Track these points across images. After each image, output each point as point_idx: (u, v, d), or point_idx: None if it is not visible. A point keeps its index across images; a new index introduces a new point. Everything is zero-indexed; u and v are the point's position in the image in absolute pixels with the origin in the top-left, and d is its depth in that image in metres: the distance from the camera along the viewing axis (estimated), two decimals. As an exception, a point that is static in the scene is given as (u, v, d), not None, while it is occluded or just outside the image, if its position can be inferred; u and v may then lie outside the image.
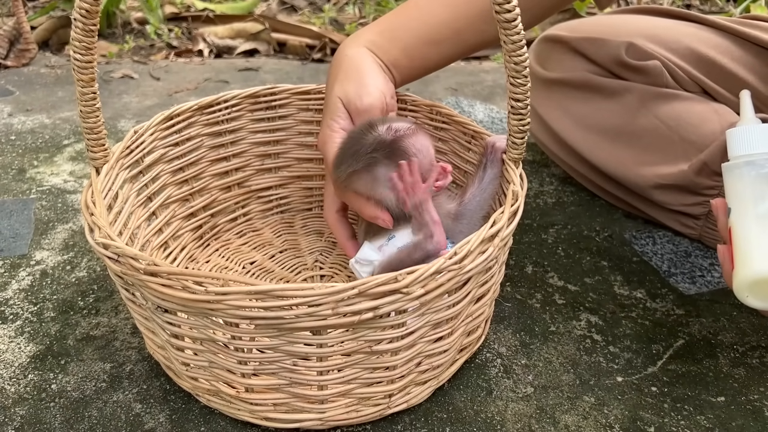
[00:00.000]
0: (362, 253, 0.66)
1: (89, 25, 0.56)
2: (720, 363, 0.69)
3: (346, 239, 0.73)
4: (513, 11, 0.54)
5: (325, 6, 1.91)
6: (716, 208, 0.62)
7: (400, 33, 0.75)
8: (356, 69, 0.72)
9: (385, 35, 0.75)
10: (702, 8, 1.93)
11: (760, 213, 0.57)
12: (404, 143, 0.62)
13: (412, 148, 0.62)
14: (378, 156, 0.62)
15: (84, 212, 0.59)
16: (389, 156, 0.62)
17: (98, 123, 0.62)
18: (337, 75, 0.73)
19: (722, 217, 0.61)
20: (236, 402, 0.59)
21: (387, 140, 0.62)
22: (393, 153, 0.62)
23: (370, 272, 0.65)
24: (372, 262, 0.65)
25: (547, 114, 0.99)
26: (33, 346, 0.70)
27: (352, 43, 0.75)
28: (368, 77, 0.71)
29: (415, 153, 0.62)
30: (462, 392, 0.65)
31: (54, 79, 1.44)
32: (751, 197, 0.58)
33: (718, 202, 0.62)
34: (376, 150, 0.62)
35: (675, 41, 0.88)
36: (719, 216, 0.61)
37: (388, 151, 0.62)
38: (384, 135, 0.63)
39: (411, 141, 0.62)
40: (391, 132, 0.63)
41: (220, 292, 0.49)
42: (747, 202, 0.59)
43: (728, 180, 0.61)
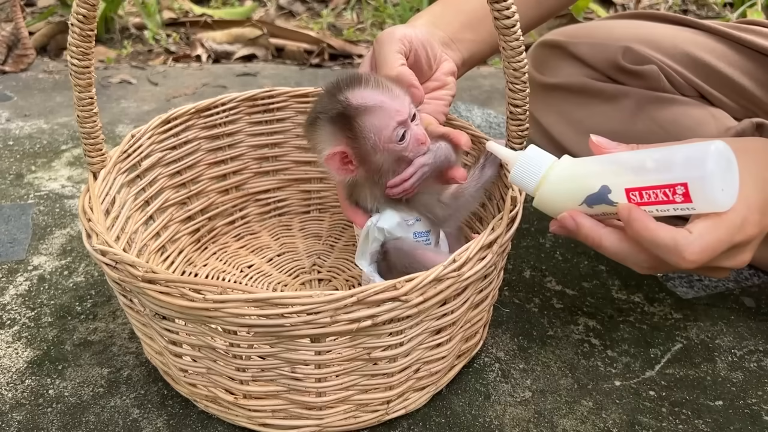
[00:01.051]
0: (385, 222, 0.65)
1: (86, 31, 0.56)
2: (718, 367, 0.69)
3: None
4: (512, 17, 0.54)
5: (323, 11, 1.92)
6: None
7: (461, 6, 0.74)
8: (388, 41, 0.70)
9: (447, 10, 0.74)
10: (699, 13, 1.93)
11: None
12: (353, 119, 0.60)
13: (359, 126, 0.60)
14: (322, 118, 0.61)
15: (81, 218, 0.59)
16: (332, 122, 0.61)
17: (96, 128, 0.62)
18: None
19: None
20: (234, 408, 0.59)
21: (336, 107, 0.61)
22: (336, 122, 0.61)
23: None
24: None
25: (545, 119, 0.99)
26: (30, 352, 0.70)
27: (418, 14, 0.75)
28: (404, 25, 0.70)
29: (361, 132, 0.60)
30: (460, 397, 0.65)
31: (52, 84, 1.44)
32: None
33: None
34: (323, 111, 0.61)
35: (672, 46, 0.89)
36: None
37: (333, 118, 0.61)
38: (338, 100, 0.61)
39: (362, 119, 0.60)
40: (344, 101, 0.60)
41: (218, 299, 0.49)
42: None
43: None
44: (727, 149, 0.49)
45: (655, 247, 0.50)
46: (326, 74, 1.55)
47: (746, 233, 0.51)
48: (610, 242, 0.53)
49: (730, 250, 0.52)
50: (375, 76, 0.62)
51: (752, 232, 0.52)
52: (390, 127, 0.60)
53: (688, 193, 0.48)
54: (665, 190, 0.49)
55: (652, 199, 0.50)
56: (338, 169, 0.62)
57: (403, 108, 0.61)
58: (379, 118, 0.60)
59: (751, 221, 0.51)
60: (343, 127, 0.60)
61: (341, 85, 0.62)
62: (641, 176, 0.50)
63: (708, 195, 0.48)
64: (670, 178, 0.49)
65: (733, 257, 0.53)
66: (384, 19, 1.83)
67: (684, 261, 0.49)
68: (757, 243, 0.54)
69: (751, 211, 0.51)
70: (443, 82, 0.72)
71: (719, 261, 0.52)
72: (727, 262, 0.53)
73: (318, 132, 0.63)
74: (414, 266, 0.60)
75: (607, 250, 0.53)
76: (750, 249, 0.54)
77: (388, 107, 0.60)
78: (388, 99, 0.60)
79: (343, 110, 0.60)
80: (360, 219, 0.67)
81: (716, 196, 0.49)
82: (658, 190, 0.49)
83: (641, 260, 0.53)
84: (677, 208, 0.50)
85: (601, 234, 0.53)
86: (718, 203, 0.49)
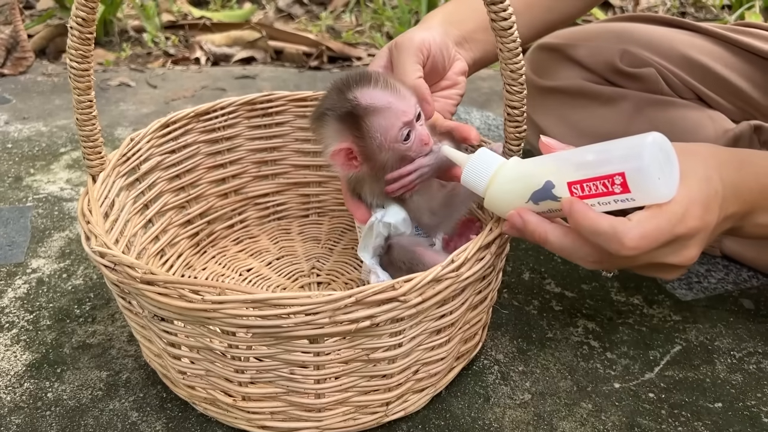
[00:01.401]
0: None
1: (86, 34, 0.56)
2: (717, 369, 0.69)
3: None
4: (509, 19, 0.54)
5: (321, 14, 1.92)
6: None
7: (476, 4, 0.75)
8: (419, 24, 0.72)
9: (462, 8, 0.75)
10: (697, 16, 1.94)
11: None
12: (361, 119, 0.61)
13: (366, 125, 0.61)
14: (330, 115, 0.62)
15: (80, 220, 0.59)
16: (340, 120, 0.62)
17: (95, 131, 0.62)
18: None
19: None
20: (233, 410, 0.59)
21: (345, 105, 0.61)
22: (344, 120, 0.61)
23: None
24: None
25: (543, 122, 0.99)
26: (29, 355, 0.70)
27: (432, 12, 0.75)
28: (422, 27, 0.71)
29: (368, 131, 0.61)
30: (459, 399, 0.65)
31: (51, 87, 1.44)
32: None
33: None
34: (332, 108, 0.62)
35: (669, 48, 0.89)
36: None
37: (341, 116, 0.61)
38: (347, 99, 0.61)
39: (370, 119, 0.61)
40: (354, 100, 0.61)
41: (216, 300, 0.49)
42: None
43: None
44: (664, 141, 0.50)
45: (596, 235, 0.50)
46: (325, 77, 1.55)
47: (688, 225, 0.51)
48: (555, 236, 0.53)
49: (673, 243, 0.51)
50: (384, 75, 0.63)
51: (694, 225, 0.51)
52: (396, 127, 0.61)
53: (626, 182, 0.49)
54: (604, 181, 0.50)
55: (593, 192, 0.50)
56: (343, 165, 0.63)
57: (410, 109, 0.62)
58: (386, 118, 0.61)
59: (693, 214, 0.51)
60: (350, 126, 0.61)
61: (351, 83, 0.62)
62: (582, 169, 0.51)
63: (645, 184, 0.48)
64: (609, 169, 0.49)
65: (678, 252, 0.52)
66: (383, 22, 1.83)
67: (624, 248, 0.49)
68: (704, 240, 0.53)
69: (693, 204, 0.51)
70: (454, 81, 0.72)
71: (664, 255, 0.52)
72: (673, 257, 0.52)
73: (325, 127, 0.64)
74: (413, 262, 0.62)
75: (552, 244, 0.53)
76: (695, 244, 0.53)
77: (395, 108, 0.61)
78: (395, 99, 0.61)
79: (351, 109, 0.61)
80: (361, 213, 0.68)
81: (654, 185, 0.49)
82: (598, 182, 0.50)
83: (586, 253, 0.53)
84: (617, 199, 0.50)
85: (546, 229, 0.53)
86: (657, 193, 0.49)
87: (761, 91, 0.87)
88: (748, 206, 0.57)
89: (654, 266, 0.54)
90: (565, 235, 0.53)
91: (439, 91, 0.72)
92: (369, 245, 0.67)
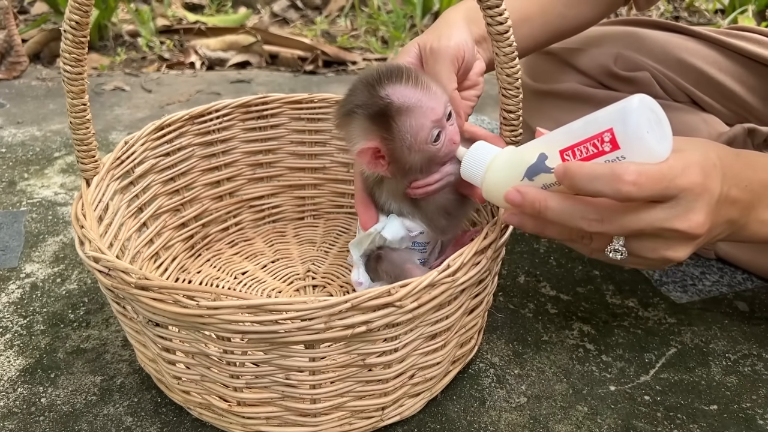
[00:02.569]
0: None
1: (79, 37, 0.56)
2: (712, 371, 0.69)
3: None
4: (505, 24, 0.55)
5: (317, 18, 1.92)
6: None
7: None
8: (445, 23, 0.70)
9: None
10: (690, 20, 1.95)
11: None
12: (392, 118, 0.59)
13: (397, 125, 0.59)
14: (359, 113, 0.60)
15: (74, 225, 0.59)
16: (370, 119, 0.59)
17: (88, 134, 0.62)
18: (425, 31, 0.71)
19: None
20: (228, 415, 0.58)
21: (377, 103, 0.59)
22: (374, 120, 0.59)
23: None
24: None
25: (538, 125, 0.99)
26: (22, 360, 0.70)
27: (453, 9, 0.73)
28: (452, 28, 0.69)
29: (398, 132, 0.59)
30: (455, 403, 0.65)
31: (45, 92, 1.44)
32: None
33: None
34: (361, 106, 0.60)
35: (663, 52, 0.89)
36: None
37: (371, 115, 0.59)
38: (379, 96, 0.59)
39: (401, 119, 0.58)
40: (386, 98, 0.59)
41: (212, 306, 0.49)
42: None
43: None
44: (654, 103, 0.49)
45: (594, 179, 0.48)
46: (320, 81, 1.55)
47: (689, 179, 0.49)
48: (555, 201, 0.51)
49: (677, 201, 0.49)
50: (415, 71, 0.60)
51: (696, 180, 0.49)
52: (426, 128, 0.59)
53: (614, 138, 0.48)
54: (594, 141, 0.49)
55: (584, 155, 0.50)
56: (369, 164, 0.61)
57: (439, 107, 0.59)
58: (417, 118, 0.59)
59: (694, 171, 0.49)
60: (380, 125, 0.59)
61: (382, 78, 0.59)
62: (572, 135, 0.51)
63: (634, 138, 0.47)
64: (597, 128, 0.49)
65: (685, 214, 0.49)
66: (378, 27, 1.83)
67: (624, 183, 0.47)
68: (710, 209, 0.51)
69: (692, 165, 0.49)
70: (474, 81, 0.71)
71: (669, 217, 0.49)
72: (680, 221, 0.50)
73: (352, 125, 0.61)
74: (400, 278, 0.60)
75: (552, 210, 0.51)
76: (701, 209, 0.50)
77: (425, 106, 0.59)
78: (426, 98, 0.59)
79: (383, 108, 0.59)
80: (368, 218, 0.66)
81: (643, 139, 0.47)
82: (588, 143, 0.49)
83: (588, 212, 0.51)
84: (608, 158, 0.49)
85: (546, 196, 0.51)
86: (647, 148, 0.48)
87: (755, 95, 0.87)
88: (750, 195, 0.56)
89: (660, 235, 0.51)
90: (564, 198, 0.51)
91: (460, 92, 0.70)
92: (363, 246, 0.67)
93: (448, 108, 0.61)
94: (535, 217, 0.53)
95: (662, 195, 0.49)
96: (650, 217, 0.50)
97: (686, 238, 0.51)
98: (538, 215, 0.52)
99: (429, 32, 0.69)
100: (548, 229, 0.54)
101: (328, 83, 1.53)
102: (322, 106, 0.85)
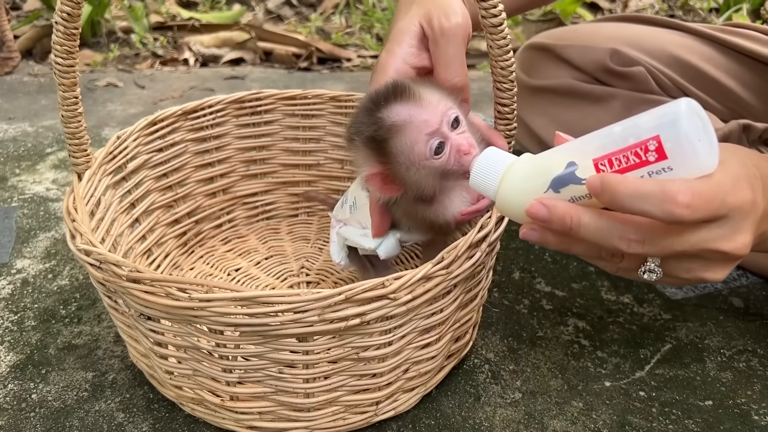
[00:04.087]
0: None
1: (71, 29, 0.55)
2: (707, 367, 0.69)
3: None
4: (499, 16, 0.54)
5: (311, 15, 1.92)
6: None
7: None
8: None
9: None
10: (685, 18, 1.95)
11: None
12: (384, 141, 0.55)
13: (390, 147, 0.55)
14: (357, 139, 0.57)
15: (66, 218, 0.58)
16: (365, 145, 0.57)
17: (80, 128, 0.62)
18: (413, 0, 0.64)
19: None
20: (221, 411, 0.58)
21: (369, 128, 0.56)
22: (369, 146, 0.57)
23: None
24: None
25: (533, 122, 0.99)
26: (13, 356, 0.69)
27: None
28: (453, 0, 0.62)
29: (393, 154, 0.56)
30: (450, 398, 0.64)
31: (37, 88, 1.43)
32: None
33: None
34: (357, 133, 0.57)
35: (659, 48, 0.89)
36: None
37: (365, 140, 0.57)
38: (372, 120, 0.56)
39: (393, 140, 0.55)
40: (377, 122, 0.55)
41: (204, 298, 0.48)
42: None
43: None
44: (700, 109, 0.44)
45: (641, 198, 0.43)
46: (315, 78, 1.54)
47: (739, 197, 0.45)
48: (590, 217, 0.45)
49: (725, 220, 0.45)
50: (407, 84, 0.56)
51: (745, 198, 0.45)
52: (420, 142, 0.54)
53: (661, 147, 0.42)
54: (636, 150, 0.43)
55: (623, 165, 0.44)
56: (381, 189, 0.58)
57: (433, 117, 0.55)
58: (407, 134, 0.55)
59: (743, 187, 0.45)
60: (376, 150, 0.56)
61: (380, 100, 0.56)
62: (609, 143, 0.44)
63: (684, 147, 0.42)
64: (640, 134, 0.43)
65: (731, 235, 0.46)
66: (372, 24, 1.83)
67: (678, 205, 0.42)
68: (754, 226, 0.47)
69: (739, 179, 0.45)
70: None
71: (716, 237, 0.45)
72: (725, 242, 0.45)
73: (355, 152, 0.59)
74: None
75: (586, 228, 0.46)
76: (748, 228, 0.46)
77: (416, 120, 0.55)
78: (416, 111, 0.55)
79: (373, 132, 0.56)
80: (382, 227, 0.63)
81: (694, 149, 0.42)
82: (629, 152, 0.43)
83: (627, 230, 0.45)
84: (652, 170, 0.43)
85: (579, 211, 0.45)
86: (698, 159, 0.43)
87: (750, 91, 0.87)
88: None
89: (702, 256, 0.47)
90: (600, 214, 0.45)
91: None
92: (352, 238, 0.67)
93: (450, 115, 0.56)
94: (563, 234, 0.47)
95: (713, 216, 0.44)
96: (696, 237, 0.45)
97: (729, 259, 0.47)
98: (568, 232, 0.46)
99: (427, 4, 0.62)
100: (575, 246, 0.49)
101: (322, 80, 1.53)
102: (316, 102, 0.85)
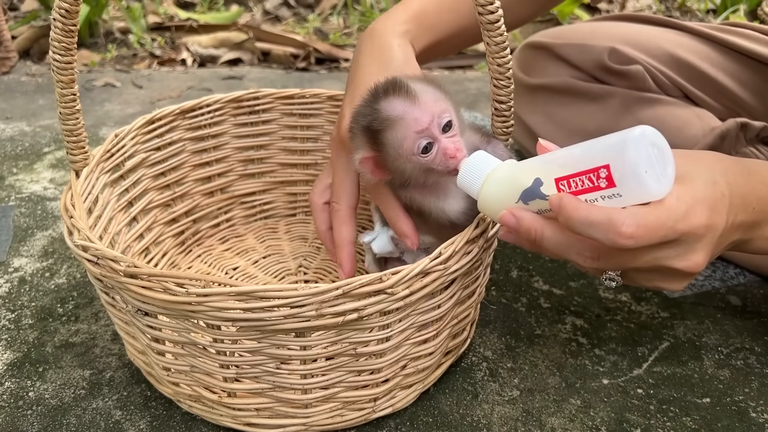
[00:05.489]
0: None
1: (69, 26, 0.55)
2: (705, 365, 0.69)
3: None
4: (496, 12, 0.54)
5: (309, 16, 1.92)
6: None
7: (433, 20, 0.71)
8: (403, 62, 0.67)
9: (421, 23, 0.71)
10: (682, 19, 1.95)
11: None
12: (379, 131, 0.58)
13: (383, 137, 0.58)
14: (356, 126, 0.61)
15: (63, 215, 0.58)
16: (363, 132, 0.60)
17: (78, 125, 0.62)
18: (372, 57, 0.68)
19: None
20: (218, 407, 0.58)
21: (368, 118, 0.59)
22: (365, 133, 0.60)
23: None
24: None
25: (531, 120, 0.99)
26: (10, 354, 0.69)
27: (389, 29, 0.70)
28: (406, 67, 0.66)
29: (385, 144, 0.58)
30: (448, 396, 0.64)
31: (35, 87, 1.43)
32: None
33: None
34: (355, 121, 0.61)
35: (656, 47, 0.89)
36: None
37: (363, 128, 0.60)
38: (371, 110, 0.59)
39: (386, 131, 0.58)
40: (375, 113, 0.58)
41: (201, 293, 0.48)
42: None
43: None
44: (657, 136, 0.47)
45: (589, 226, 0.47)
46: (312, 78, 1.54)
47: (692, 223, 0.48)
48: (551, 232, 0.50)
49: (677, 243, 0.48)
50: (405, 82, 0.59)
51: (699, 223, 0.48)
52: (409, 138, 0.57)
53: (610, 175, 0.45)
54: (590, 176, 0.47)
55: (579, 187, 0.48)
56: (372, 172, 0.61)
57: (423, 117, 0.57)
58: (399, 130, 0.57)
59: (698, 212, 0.48)
60: (371, 138, 0.59)
61: (380, 94, 0.59)
62: (569, 165, 0.48)
63: (631, 177, 0.45)
64: (594, 162, 0.46)
65: (684, 255, 0.49)
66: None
67: (620, 236, 0.45)
68: (711, 246, 0.50)
69: (698, 203, 0.48)
70: None
71: (668, 257, 0.49)
72: (678, 261, 0.49)
73: (354, 138, 0.62)
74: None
75: (548, 241, 0.50)
76: (702, 249, 0.50)
77: (408, 117, 0.57)
78: (410, 108, 0.57)
79: (368, 124, 0.59)
80: (407, 227, 0.64)
81: (641, 179, 0.45)
82: (584, 176, 0.47)
83: (583, 248, 0.50)
84: (604, 195, 0.47)
85: (542, 225, 0.50)
86: (644, 188, 0.45)
87: (747, 90, 0.87)
88: (757, 216, 0.54)
89: (657, 270, 0.51)
90: (560, 230, 0.50)
91: None
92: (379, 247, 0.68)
93: (443, 118, 0.58)
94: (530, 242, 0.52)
95: (661, 242, 0.48)
96: (648, 257, 0.49)
97: (684, 275, 0.51)
98: (533, 243, 0.51)
99: (386, 69, 0.65)
100: (543, 251, 0.53)
101: (320, 80, 1.53)
102: (313, 102, 0.85)
